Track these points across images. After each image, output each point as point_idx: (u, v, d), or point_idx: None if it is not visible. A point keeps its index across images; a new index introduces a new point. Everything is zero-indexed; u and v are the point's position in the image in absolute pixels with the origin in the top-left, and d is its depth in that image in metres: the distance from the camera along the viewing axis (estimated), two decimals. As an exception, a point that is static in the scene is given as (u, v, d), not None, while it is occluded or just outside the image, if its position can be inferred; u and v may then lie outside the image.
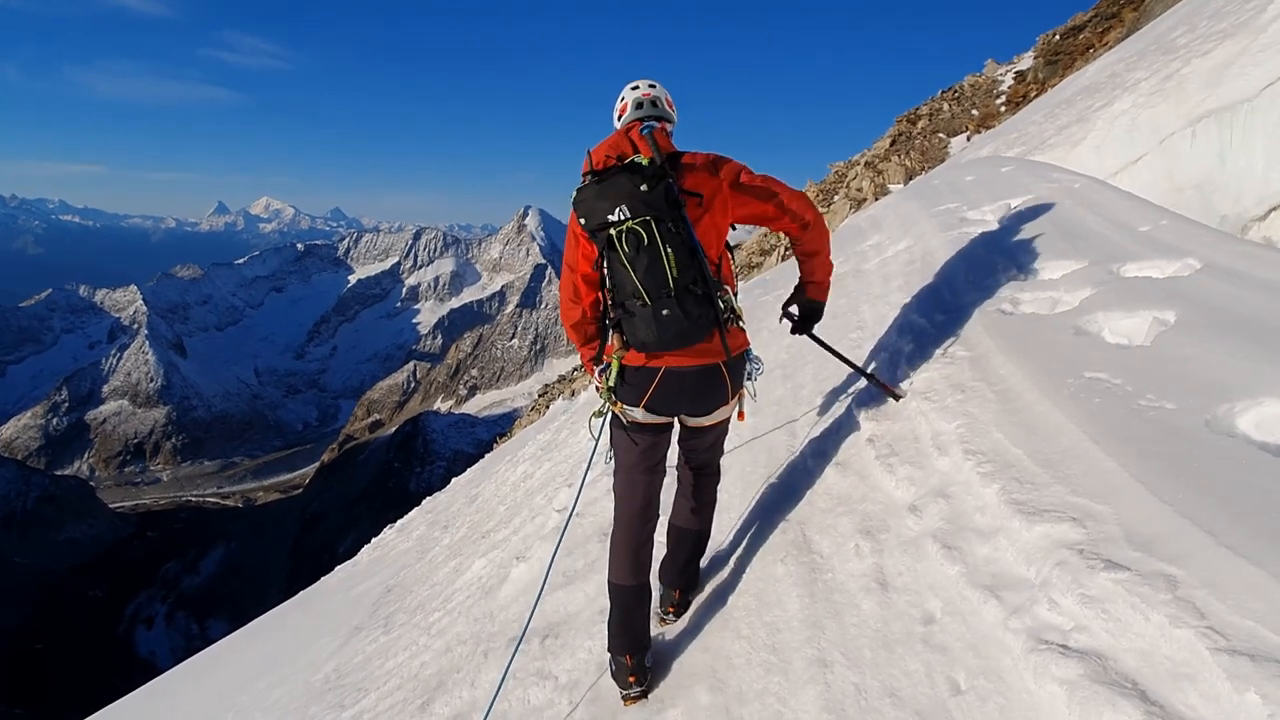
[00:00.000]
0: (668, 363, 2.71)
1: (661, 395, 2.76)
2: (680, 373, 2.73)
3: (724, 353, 2.71)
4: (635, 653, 2.83)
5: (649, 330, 2.57)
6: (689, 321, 2.55)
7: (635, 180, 2.46)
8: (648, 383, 2.74)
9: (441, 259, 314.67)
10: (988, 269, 4.21)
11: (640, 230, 2.48)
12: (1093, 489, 2.13)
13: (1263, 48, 6.30)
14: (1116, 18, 18.08)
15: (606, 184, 2.49)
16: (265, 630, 11.52)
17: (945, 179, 8.11)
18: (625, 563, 2.86)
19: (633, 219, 2.47)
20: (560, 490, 6.47)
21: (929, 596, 2.31)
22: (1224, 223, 6.21)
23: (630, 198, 2.46)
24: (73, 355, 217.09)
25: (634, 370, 2.77)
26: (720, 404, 2.87)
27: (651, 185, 2.46)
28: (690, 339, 2.60)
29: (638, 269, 2.51)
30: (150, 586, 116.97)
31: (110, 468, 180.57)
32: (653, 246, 2.49)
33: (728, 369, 2.77)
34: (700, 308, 2.57)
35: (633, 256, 2.51)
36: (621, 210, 2.47)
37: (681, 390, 2.76)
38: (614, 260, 2.58)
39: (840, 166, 24.34)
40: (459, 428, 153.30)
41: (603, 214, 2.51)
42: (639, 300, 2.56)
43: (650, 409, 2.80)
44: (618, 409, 2.84)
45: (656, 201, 2.47)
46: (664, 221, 2.49)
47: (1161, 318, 2.82)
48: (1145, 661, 1.64)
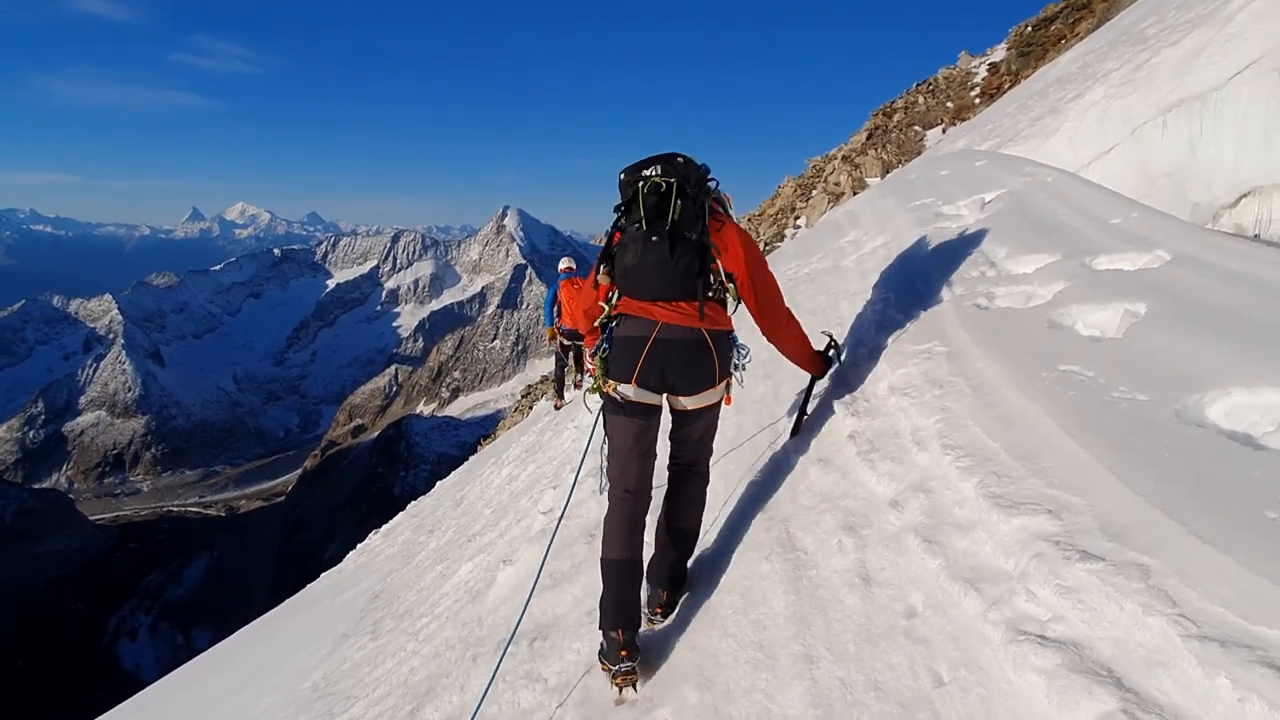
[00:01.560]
0: (659, 315, 2.93)
1: (651, 365, 2.93)
2: (670, 341, 2.93)
3: (702, 318, 2.93)
4: (627, 628, 2.90)
5: (635, 251, 2.93)
6: (669, 256, 2.88)
7: (675, 157, 2.98)
8: (638, 351, 2.93)
9: (421, 261, 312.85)
10: (963, 264, 4.26)
11: (662, 183, 2.90)
12: (1067, 481, 2.17)
13: (1229, 37, 6.40)
14: (1087, 8, 18.26)
15: (652, 158, 2.99)
16: (251, 639, 11.47)
17: (921, 174, 8.18)
18: (619, 539, 3.00)
19: (661, 175, 2.92)
20: (546, 492, 6.48)
21: (910, 590, 2.35)
22: (1196, 210, 6.30)
23: (666, 164, 2.95)
24: (48, 367, 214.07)
25: (625, 340, 2.98)
26: (707, 384, 3.04)
27: (685, 162, 2.97)
28: (666, 278, 2.91)
29: (647, 204, 2.89)
30: (133, 598, 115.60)
31: (89, 480, 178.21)
32: (666, 196, 2.89)
33: (714, 345, 2.98)
34: (686, 253, 2.90)
35: (648, 197, 2.90)
36: (655, 169, 2.94)
37: (669, 361, 2.95)
38: (633, 205, 2.97)
39: (818, 161, 24.45)
40: (442, 430, 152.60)
41: (641, 169, 2.97)
42: (637, 226, 2.92)
43: (641, 384, 2.95)
44: (610, 389, 3.01)
45: (685, 172, 2.95)
46: (684, 189, 2.92)
47: (1133, 310, 2.87)
48: (1120, 650, 1.68)
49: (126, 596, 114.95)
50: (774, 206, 23.53)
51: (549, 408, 13.45)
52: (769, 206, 24.09)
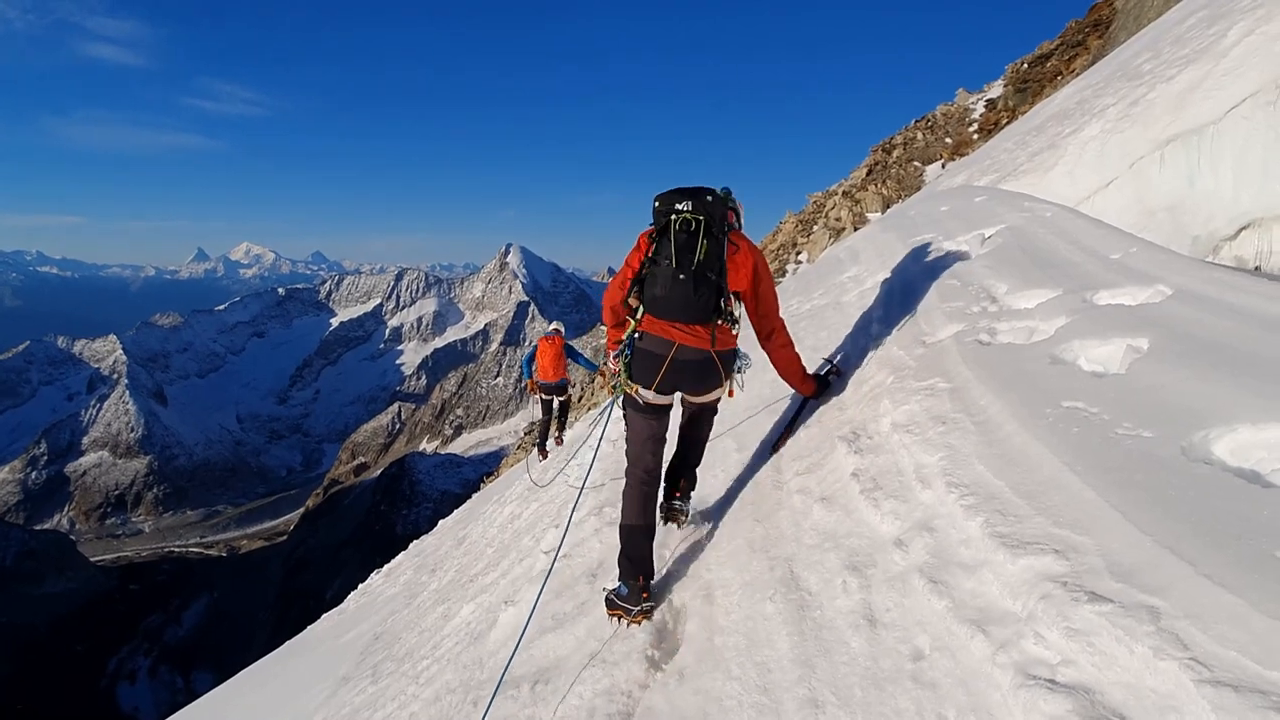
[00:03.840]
0: (678, 338, 3.51)
1: (668, 378, 3.57)
2: (684, 360, 3.54)
3: (712, 344, 3.53)
4: (645, 575, 3.61)
5: (663, 285, 3.46)
6: (694, 294, 3.43)
7: (703, 194, 3.46)
8: (658, 366, 3.54)
9: (424, 299, 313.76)
10: (964, 300, 4.26)
11: (692, 220, 3.42)
12: (1074, 520, 2.14)
13: (1225, 72, 6.45)
14: (1083, 45, 18.49)
15: (687, 190, 3.48)
16: (251, 682, 11.33)
17: (921, 209, 8.22)
18: (636, 508, 3.66)
19: (691, 213, 3.41)
20: (548, 531, 6.43)
21: (917, 632, 2.31)
22: (1196, 243, 6.31)
23: (696, 200, 3.43)
24: (51, 407, 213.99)
25: (646, 353, 3.57)
26: (714, 386, 3.73)
27: (713, 200, 3.46)
28: (688, 310, 3.46)
29: (678, 242, 3.42)
30: (132, 640, 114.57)
31: (91, 520, 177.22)
32: (695, 234, 3.41)
33: (719, 359, 3.60)
34: (706, 290, 3.44)
35: (679, 234, 3.42)
36: (687, 205, 3.43)
37: (684, 374, 3.59)
38: (663, 238, 3.48)
39: (818, 197, 24.62)
40: (445, 468, 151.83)
41: (673, 203, 3.45)
42: (668, 261, 3.43)
43: (659, 390, 3.61)
44: (633, 390, 3.65)
45: (712, 210, 3.44)
46: (711, 226, 3.44)
47: (1135, 345, 2.85)
48: (1132, 694, 1.64)
49: (126, 638, 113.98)
50: (775, 242, 23.66)
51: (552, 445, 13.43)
52: (770, 242, 24.22)
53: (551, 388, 12.48)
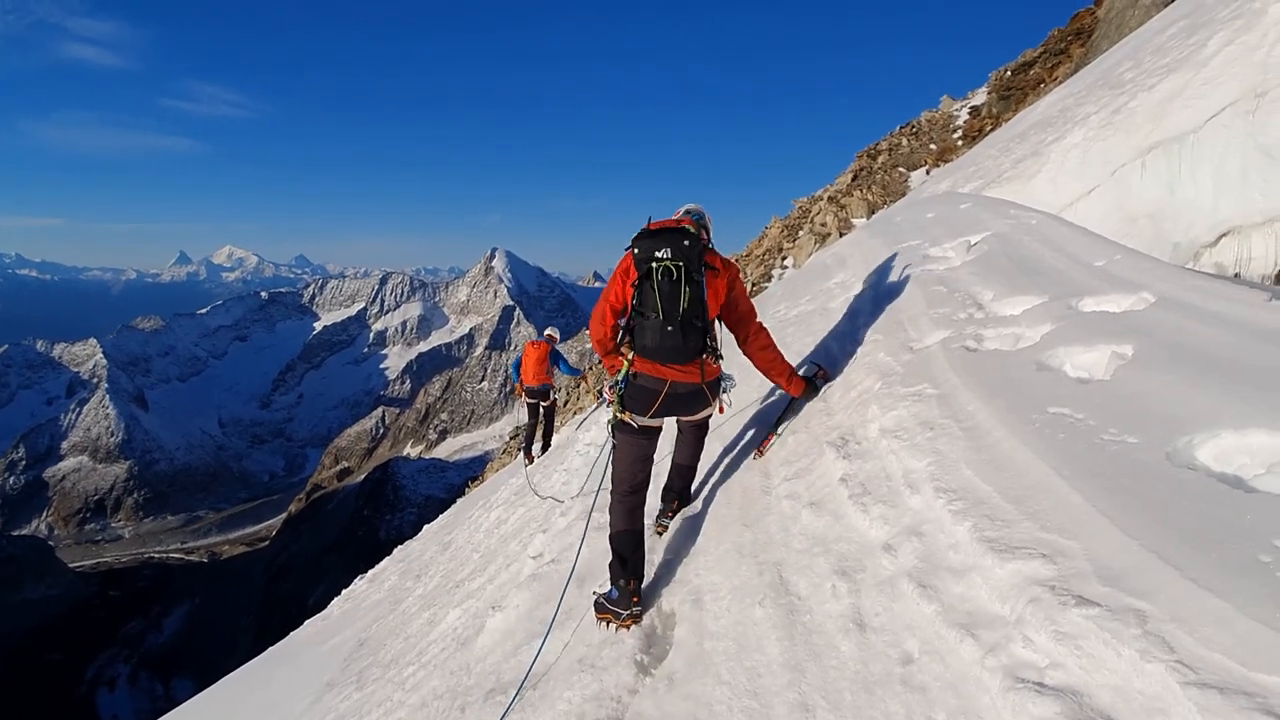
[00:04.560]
0: (670, 376, 3.73)
1: (662, 407, 3.80)
2: (677, 393, 3.78)
3: (702, 378, 3.79)
4: (635, 579, 3.72)
5: (654, 337, 3.64)
6: (683, 342, 3.63)
7: (680, 238, 3.60)
8: (654, 399, 3.77)
9: (409, 303, 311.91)
10: (951, 306, 4.29)
11: (673, 268, 3.56)
12: (1061, 524, 2.17)
13: (1205, 81, 6.54)
14: (1065, 54, 18.67)
15: (661, 235, 3.62)
16: (233, 689, 11.22)
17: (907, 216, 8.27)
18: (624, 519, 3.82)
19: (671, 260, 3.55)
20: (535, 536, 6.41)
21: (906, 636, 2.33)
22: (1177, 250, 6.39)
23: (675, 246, 3.57)
24: (30, 412, 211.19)
25: (641, 389, 3.77)
26: (704, 409, 4.01)
27: (690, 243, 3.60)
28: (679, 356, 3.68)
29: (662, 292, 3.58)
30: (112, 647, 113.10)
31: (70, 526, 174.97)
32: (678, 283, 3.57)
33: (708, 388, 3.87)
34: (693, 336, 3.66)
35: (662, 284, 3.57)
36: (665, 251, 3.56)
37: (677, 403, 3.84)
38: (646, 285, 3.62)
39: (804, 202, 24.69)
40: (429, 473, 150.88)
41: (653, 250, 3.58)
42: (655, 314, 3.60)
43: (654, 417, 3.84)
44: (627, 417, 3.84)
45: (690, 254, 3.59)
46: (691, 270, 3.59)
47: (1120, 352, 2.89)
48: (1119, 697, 1.67)
49: (106, 645, 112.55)
50: (761, 247, 23.71)
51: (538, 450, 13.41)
52: (756, 247, 24.27)
53: (535, 392, 12.46)
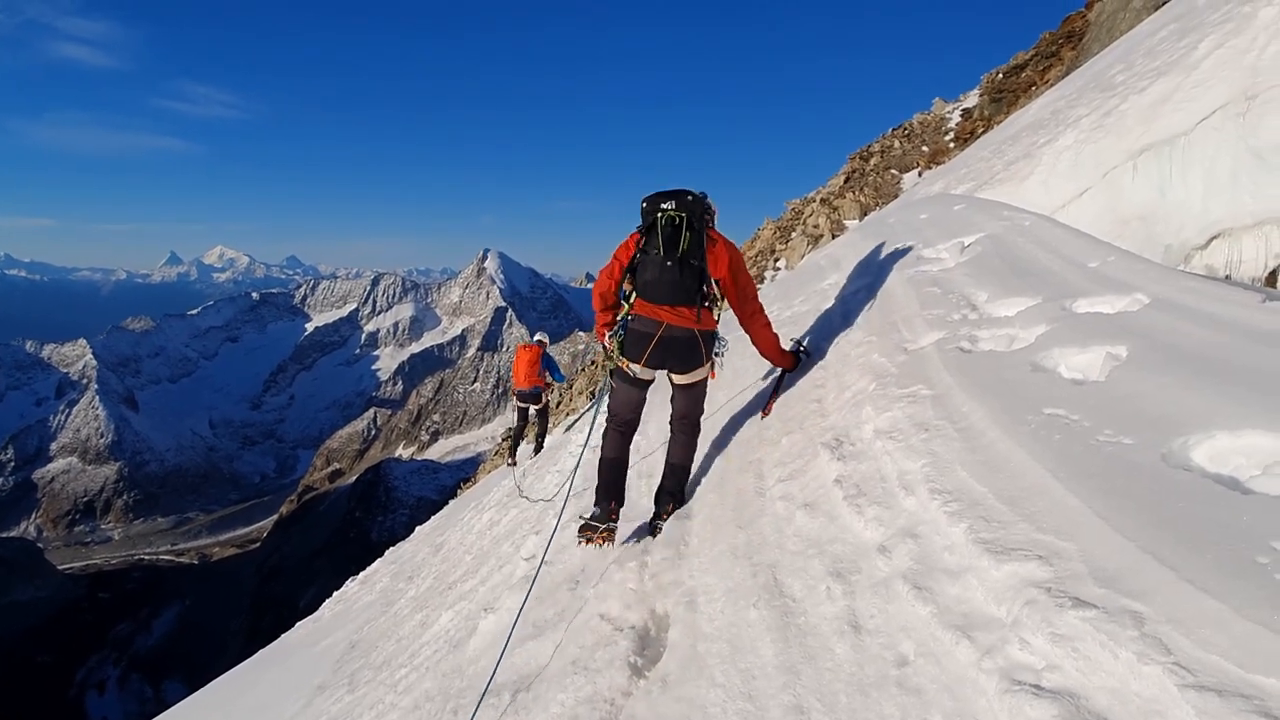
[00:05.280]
0: (665, 318, 4.05)
1: (655, 353, 4.11)
2: (671, 338, 4.08)
3: (697, 323, 4.09)
4: (616, 500, 4.26)
5: (653, 271, 4.03)
6: (680, 277, 4.00)
7: (684, 195, 4.07)
8: (647, 343, 4.09)
9: (401, 304, 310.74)
10: (945, 307, 4.29)
11: (676, 217, 4.01)
12: (1057, 526, 2.16)
13: (1196, 84, 6.57)
14: (1056, 56, 18.75)
15: (668, 192, 4.09)
16: (224, 692, 11.17)
17: (900, 217, 8.28)
18: (614, 446, 4.37)
19: (675, 210, 4.02)
20: (528, 538, 6.40)
21: (901, 638, 2.32)
22: (1168, 252, 6.41)
23: (679, 200, 4.05)
24: (19, 413, 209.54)
25: (637, 333, 4.11)
26: (696, 365, 4.23)
27: (693, 200, 4.07)
28: (675, 293, 4.03)
29: (665, 235, 4.01)
30: (101, 649, 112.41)
31: (59, 528, 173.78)
32: (679, 228, 4.00)
33: (702, 339, 4.14)
34: (690, 275, 4.03)
35: (666, 228, 4.01)
36: (671, 204, 4.04)
37: (670, 350, 4.12)
38: (651, 233, 4.07)
39: (797, 204, 24.74)
40: (421, 474, 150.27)
41: (659, 203, 4.05)
42: (656, 251, 4.03)
43: (647, 365, 4.17)
44: (624, 364, 4.22)
45: (693, 209, 4.05)
46: (693, 219, 4.02)
47: (1114, 353, 2.89)
48: (1116, 699, 1.66)
49: (95, 647, 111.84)
50: (753, 249, 23.74)
51: (528, 450, 13.41)
52: (749, 248, 24.30)
53: (525, 395, 12.47)
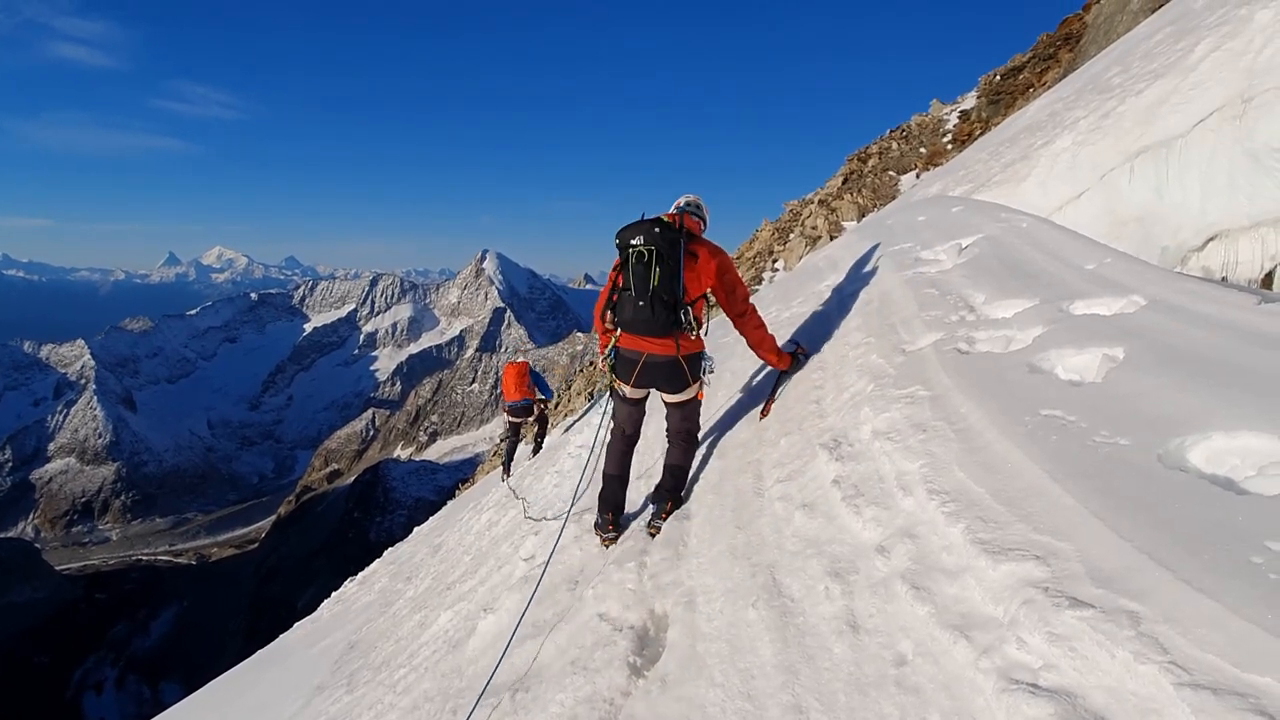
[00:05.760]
0: (646, 348, 4.24)
1: (641, 377, 4.37)
2: (654, 364, 4.29)
3: (677, 350, 4.24)
4: (615, 512, 4.59)
5: (628, 311, 4.17)
6: (652, 315, 4.10)
7: (652, 227, 4.12)
8: (633, 367, 4.33)
9: (399, 305, 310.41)
10: (943, 309, 4.31)
11: (645, 252, 4.07)
12: (1054, 526, 2.18)
13: (1193, 86, 6.58)
14: (1054, 58, 18.77)
15: (641, 225, 4.15)
16: (221, 693, 11.15)
17: (898, 219, 8.30)
18: (615, 461, 4.63)
19: (644, 245, 4.07)
20: (527, 538, 6.40)
21: (900, 638, 2.33)
22: (1165, 254, 6.42)
23: (646, 234, 4.09)
24: (17, 413, 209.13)
25: (624, 359, 4.36)
26: (684, 386, 4.43)
27: (663, 234, 4.09)
28: (651, 328, 4.15)
29: (635, 273, 4.12)
30: (99, 650, 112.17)
31: (57, 528, 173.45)
32: (649, 265, 4.07)
33: (685, 362, 4.31)
34: (661, 310, 4.09)
35: (635, 266, 4.11)
36: (639, 239, 4.09)
37: (655, 374, 4.36)
38: (625, 268, 4.17)
39: (795, 205, 24.76)
40: (420, 475, 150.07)
41: (629, 238, 4.13)
42: (629, 291, 4.16)
43: (636, 386, 4.44)
44: (617, 384, 4.49)
45: (660, 240, 4.08)
46: (661, 253, 4.06)
47: (1111, 354, 2.91)
48: (1113, 698, 1.67)
49: (93, 648, 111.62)
50: (752, 250, 23.76)
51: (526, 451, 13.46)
52: (747, 250, 24.32)
53: (517, 408, 12.49)
